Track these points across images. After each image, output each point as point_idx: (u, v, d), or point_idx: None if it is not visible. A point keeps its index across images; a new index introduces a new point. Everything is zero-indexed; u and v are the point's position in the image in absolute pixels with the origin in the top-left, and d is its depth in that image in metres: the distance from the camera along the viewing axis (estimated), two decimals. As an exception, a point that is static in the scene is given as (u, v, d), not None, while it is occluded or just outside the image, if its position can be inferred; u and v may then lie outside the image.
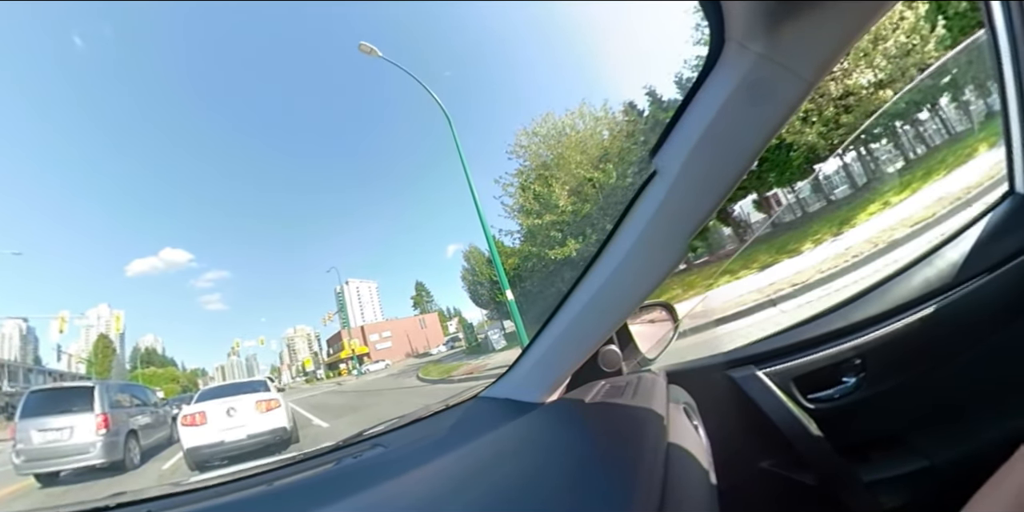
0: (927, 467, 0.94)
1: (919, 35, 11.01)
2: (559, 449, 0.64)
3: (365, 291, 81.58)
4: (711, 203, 0.67)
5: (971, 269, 0.98)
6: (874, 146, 14.29)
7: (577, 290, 0.82)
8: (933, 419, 0.99)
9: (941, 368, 0.98)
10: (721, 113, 0.60)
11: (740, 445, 0.99)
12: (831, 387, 1.00)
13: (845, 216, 12.34)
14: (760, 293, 8.16)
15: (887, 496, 0.94)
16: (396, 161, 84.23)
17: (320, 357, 56.16)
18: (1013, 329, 0.96)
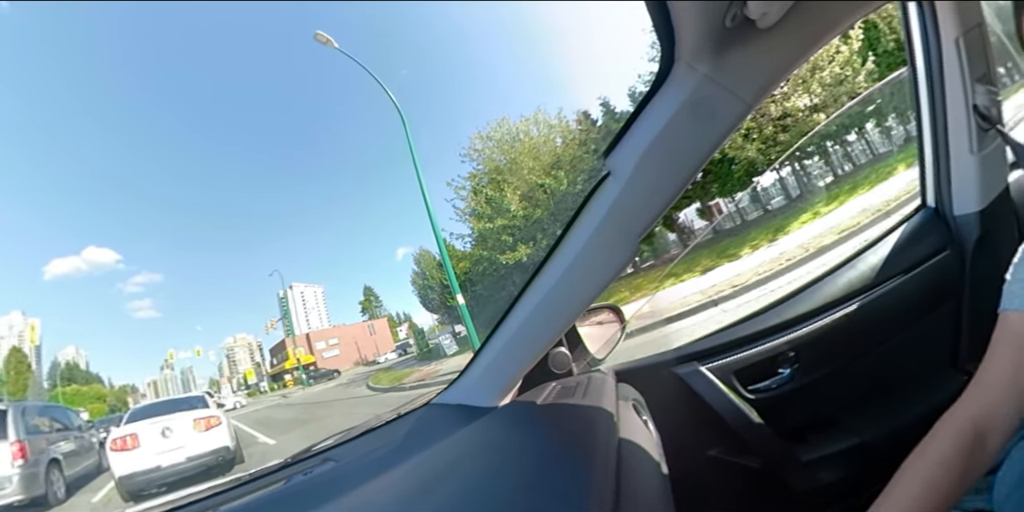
0: (858, 444, 1.03)
1: (852, 67, 12.45)
2: (514, 451, 0.64)
3: (310, 296, 76.34)
4: (659, 206, 0.71)
5: (889, 271, 1.08)
6: (807, 162, 15.79)
7: (527, 293, 0.82)
8: (861, 401, 1.09)
9: (865, 357, 1.08)
10: (668, 126, 0.64)
11: (688, 436, 1.03)
12: (769, 378, 1.07)
13: (780, 224, 13.27)
14: (703, 294, 8.55)
15: (824, 472, 1.02)
16: (346, 160, 78.57)
17: (263, 368, 51.79)
18: (925, 322, 1.08)
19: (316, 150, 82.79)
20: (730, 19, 0.56)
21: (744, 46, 0.60)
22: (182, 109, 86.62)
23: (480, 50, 68.89)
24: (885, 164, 13.01)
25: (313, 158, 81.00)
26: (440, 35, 70.93)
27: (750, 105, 0.63)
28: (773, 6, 0.56)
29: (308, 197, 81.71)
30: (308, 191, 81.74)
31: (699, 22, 0.56)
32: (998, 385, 0.56)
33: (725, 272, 10.34)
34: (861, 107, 12.77)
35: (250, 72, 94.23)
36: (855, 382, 1.08)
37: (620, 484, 0.51)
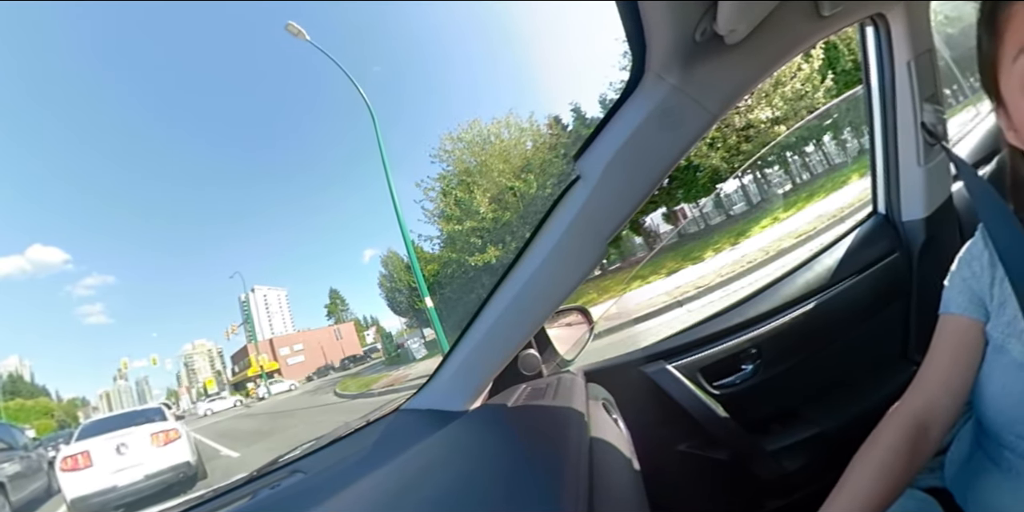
0: (818, 433, 1.07)
1: (812, 84, 13.40)
2: (487, 455, 0.64)
3: (274, 299, 72.61)
4: (627, 211, 0.72)
5: (843, 272, 1.14)
6: (768, 171, 16.80)
7: (496, 296, 0.82)
8: (820, 393, 1.14)
9: (823, 352, 1.13)
10: (637, 133, 0.67)
11: (658, 432, 1.05)
12: (733, 374, 1.11)
13: (742, 229, 13.80)
14: (668, 295, 8.74)
15: (788, 461, 1.06)
16: (312, 157, 75.06)
17: (224, 376, 49.02)
18: (877, 318, 1.14)
19: (281, 146, 78.51)
20: (700, 34, 0.59)
21: (712, 60, 0.64)
22: (139, 97, 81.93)
23: (454, 50, 67.67)
24: (840, 174, 13.97)
25: (278, 154, 76.97)
26: (415, 33, 69.01)
27: (715, 115, 0.66)
28: (741, 24, 0.59)
29: (272, 195, 77.90)
30: (272, 188, 77.99)
31: (670, 35, 0.59)
32: (937, 381, 0.60)
33: (689, 274, 10.63)
34: (819, 121, 13.76)
35: (214, 61, 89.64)
36: (814, 375, 1.13)
37: (593, 482, 0.52)
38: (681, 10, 0.56)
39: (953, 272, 0.65)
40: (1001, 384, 0.56)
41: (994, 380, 0.57)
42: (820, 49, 13.40)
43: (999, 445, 0.59)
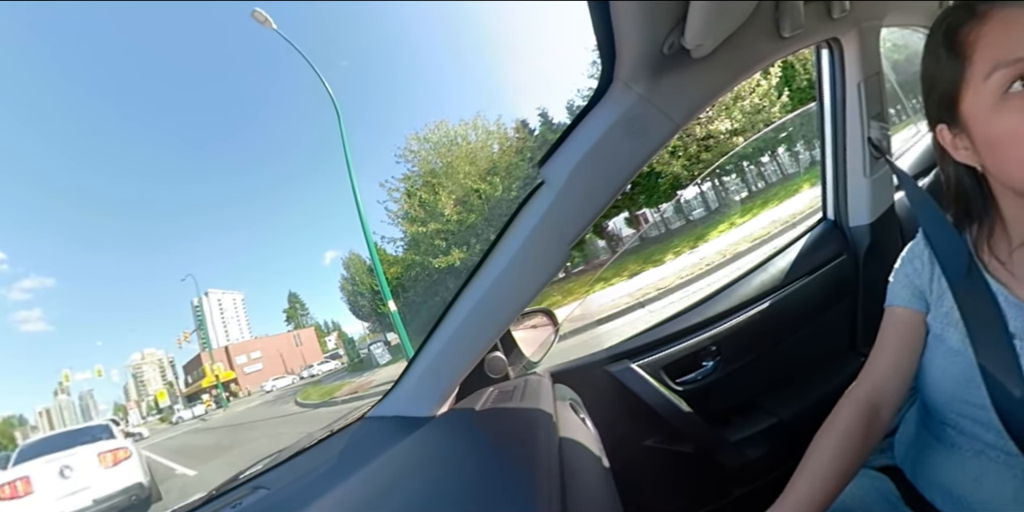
0: (777, 422, 1.13)
1: (769, 99, 14.33)
2: (456, 460, 0.63)
3: (229, 304, 68.39)
4: (590, 215, 0.74)
5: (795, 273, 1.21)
6: (726, 179, 17.70)
7: (461, 299, 0.82)
8: (776, 386, 1.20)
9: (778, 347, 1.19)
10: (602, 140, 0.69)
11: (625, 429, 1.07)
12: (694, 371, 1.15)
13: (700, 233, 14.33)
14: (631, 297, 8.90)
15: (750, 450, 1.11)
16: (272, 152, 70.00)
17: (177, 388, 45.06)
18: (827, 315, 1.22)
19: (238, 139, 73.23)
20: (668, 47, 0.62)
21: (678, 72, 0.67)
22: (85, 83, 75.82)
23: (425, 49, 65.57)
24: (792, 183, 14.96)
25: (234, 148, 71.84)
26: (387, 29, 65.81)
27: (678, 125, 0.70)
28: (707, 40, 0.63)
29: (228, 192, 72.92)
30: (228, 185, 72.79)
31: (640, 46, 0.61)
32: (886, 367, 0.66)
33: (651, 276, 10.89)
34: (775, 134, 14.70)
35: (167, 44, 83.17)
36: (770, 369, 1.19)
37: (565, 482, 0.52)
38: (651, 23, 0.58)
39: (897, 269, 0.72)
40: (941, 368, 0.62)
41: (935, 365, 0.63)
42: (778, 67, 14.28)
43: (942, 423, 0.64)
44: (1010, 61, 0.47)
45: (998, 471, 0.57)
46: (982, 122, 0.52)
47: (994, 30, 0.49)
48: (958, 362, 0.60)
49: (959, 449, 0.62)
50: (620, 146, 0.69)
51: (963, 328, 0.59)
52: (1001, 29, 0.48)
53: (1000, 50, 0.48)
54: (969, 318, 0.59)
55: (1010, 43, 0.48)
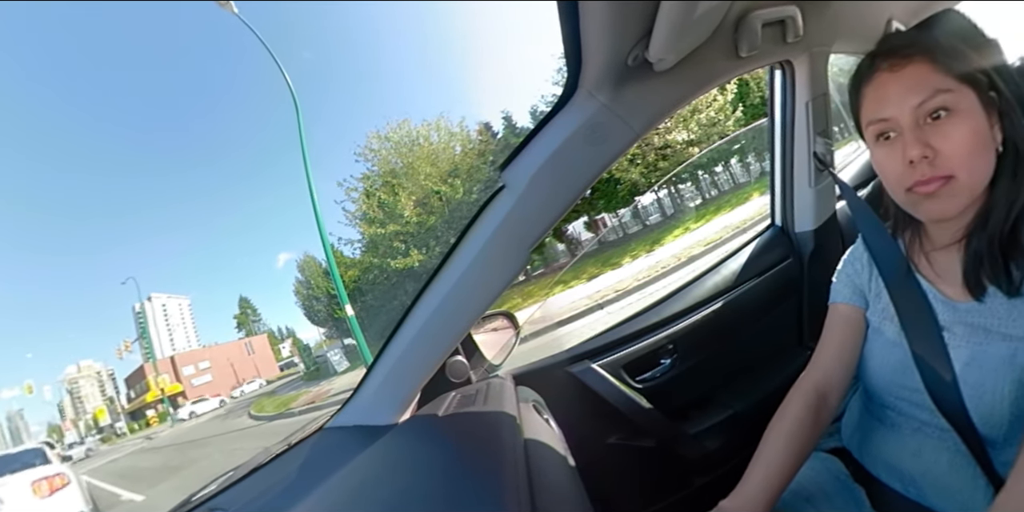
0: (732, 414, 1.18)
1: (724, 113, 15.10)
2: (422, 468, 0.62)
3: (175, 309, 62.93)
4: (550, 219, 0.75)
5: (745, 275, 1.27)
6: (682, 187, 18.52)
7: (421, 302, 0.81)
8: (730, 380, 1.26)
9: (730, 344, 1.25)
10: (564, 146, 0.70)
11: (588, 428, 1.09)
12: (653, 369, 1.19)
13: (657, 237, 14.81)
14: (590, 299, 9.04)
15: (709, 441, 1.15)
16: (223, 146, 63.76)
17: (118, 404, 41.21)
18: (775, 313, 1.29)
19: (186, 130, 66.27)
20: (632, 59, 0.65)
21: (640, 83, 0.71)
22: (22, 61, 67.62)
23: (392, 44, 62.78)
24: (743, 191, 15.86)
25: (182, 140, 65.16)
26: (353, 22, 62.03)
27: (638, 134, 0.73)
28: (669, 54, 0.66)
29: (175, 187, 66.53)
30: (176, 180, 66.37)
31: (605, 57, 0.63)
32: (831, 358, 0.72)
33: (609, 279, 11.09)
34: (728, 145, 15.79)
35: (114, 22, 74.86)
36: (724, 365, 1.25)
37: (533, 482, 0.53)
38: (618, 35, 0.60)
39: (839, 270, 0.79)
40: (880, 358, 0.69)
41: (875, 355, 0.70)
42: (734, 85, 15.11)
43: (883, 406, 0.71)
44: (874, 120, 0.60)
45: (933, 445, 0.64)
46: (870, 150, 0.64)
47: (871, 91, 0.61)
48: (895, 352, 0.67)
49: (899, 428, 0.69)
50: (581, 152, 0.71)
51: (898, 322, 0.67)
52: (874, 91, 0.60)
53: (871, 110, 0.61)
54: (903, 313, 0.66)
55: (877, 104, 0.60)
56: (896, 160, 0.59)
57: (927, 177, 0.56)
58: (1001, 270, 0.57)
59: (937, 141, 0.56)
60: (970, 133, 0.55)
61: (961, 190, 0.56)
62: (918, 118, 0.57)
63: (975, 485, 0.60)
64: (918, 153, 0.56)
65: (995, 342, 0.58)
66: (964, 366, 0.59)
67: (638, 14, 0.58)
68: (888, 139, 0.60)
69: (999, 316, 0.58)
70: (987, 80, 0.58)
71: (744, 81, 15.47)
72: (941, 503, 0.63)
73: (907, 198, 0.61)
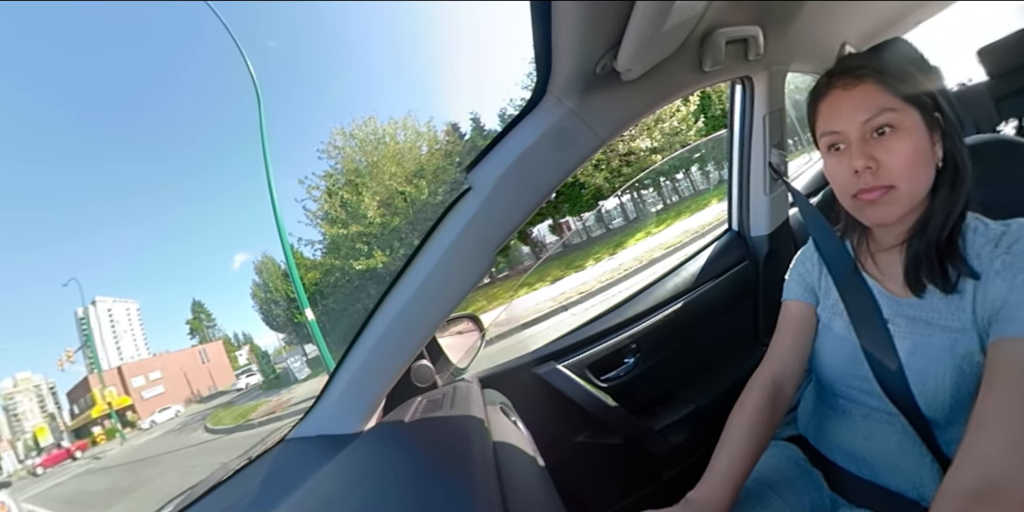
0: (695, 409, 1.22)
1: (687, 123, 15.79)
2: (390, 475, 0.61)
3: (122, 314, 56.80)
4: (515, 222, 0.75)
5: (704, 277, 1.33)
6: (644, 192, 19.22)
7: (384, 306, 0.80)
8: (691, 376, 1.30)
9: (691, 342, 1.29)
10: (531, 149, 0.71)
11: (556, 428, 1.10)
12: (617, 368, 1.21)
13: (619, 241, 15.19)
14: (554, 301, 9.15)
15: (674, 435, 1.19)
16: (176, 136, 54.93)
17: (61, 420, 37.15)
18: (732, 312, 1.35)
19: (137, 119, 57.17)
20: (600, 67, 0.67)
21: (607, 91, 0.73)
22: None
23: (362, 38, 59.00)
24: (702, 198, 16.67)
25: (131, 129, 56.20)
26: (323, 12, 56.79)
27: (604, 140, 0.75)
28: (637, 65, 0.69)
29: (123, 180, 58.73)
30: (124, 172, 58.10)
31: (575, 64, 0.65)
32: (785, 352, 0.77)
33: (573, 281, 11.26)
34: (689, 154, 16.67)
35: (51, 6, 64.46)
36: (686, 362, 1.29)
37: (503, 484, 0.53)
38: (588, 44, 0.62)
39: (791, 269, 0.85)
40: (831, 351, 0.75)
41: (826, 348, 0.76)
42: (697, 97, 15.79)
43: (834, 395, 0.76)
44: (827, 132, 0.66)
45: (883, 429, 0.69)
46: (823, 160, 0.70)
47: (825, 106, 0.67)
48: (844, 344, 0.72)
49: (850, 415, 0.74)
50: (547, 156, 0.72)
51: (847, 317, 0.72)
52: (828, 106, 0.66)
53: (824, 123, 0.67)
54: (852, 308, 0.72)
55: (829, 118, 0.66)
56: (844, 169, 0.64)
57: (870, 186, 0.62)
58: (938, 271, 0.62)
59: (881, 154, 0.61)
60: (911, 148, 0.61)
61: (900, 199, 0.62)
62: (865, 133, 0.63)
63: (922, 462, 0.65)
64: (862, 164, 0.62)
65: (936, 334, 0.63)
66: (908, 356, 0.65)
67: (609, 24, 0.59)
68: (838, 150, 0.66)
69: (938, 310, 0.63)
70: (932, 102, 0.64)
71: (706, 94, 16.14)
72: (893, 481, 0.68)
73: (852, 204, 0.66)
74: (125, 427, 26.84)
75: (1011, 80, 2.03)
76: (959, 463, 0.50)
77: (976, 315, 0.60)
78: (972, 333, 0.60)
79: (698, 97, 15.84)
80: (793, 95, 1.25)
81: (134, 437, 23.40)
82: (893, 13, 1.53)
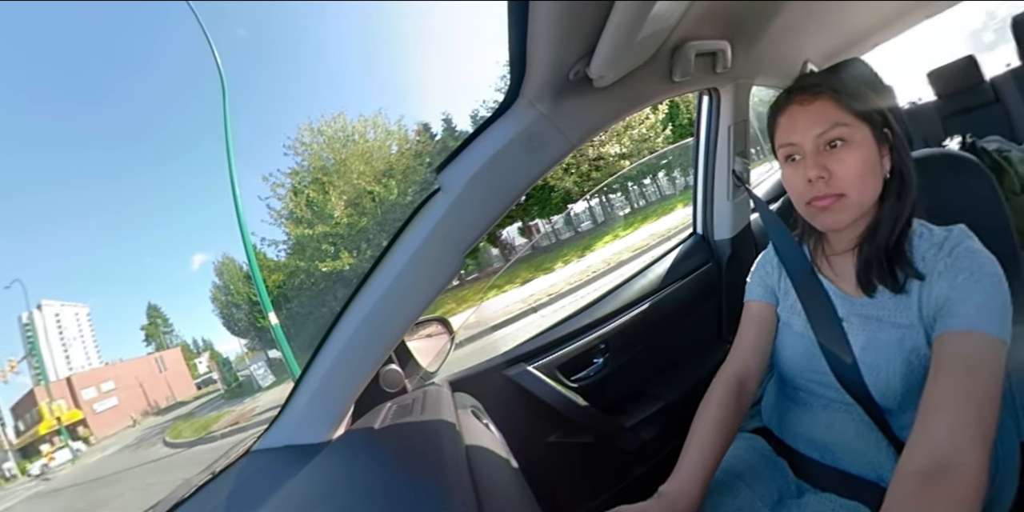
0: (663, 405, 1.24)
1: (655, 131, 16.24)
2: (361, 485, 0.60)
3: (71, 320, 49.91)
4: (485, 224, 0.76)
5: (670, 278, 1.37)
6: (612, 196, 19.54)
7: (351, 309, 0.78)
8: (659, 374, 1.33)
9: (658, 341, 1.32)
10: (502, 151, 0.72)
11: (528, 429, 1.11)
12: (587, 368, 1.23)
13: (588, 243, 15.42)
14: (523, 303, 9.20)
15: (644, 432, 1.21)
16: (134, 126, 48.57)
17: (4, 439, 34.10)
18: (697, 312, 1.39)
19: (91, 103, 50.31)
20: (574, 73, 0.69)
21: (579, 97, 0.74)
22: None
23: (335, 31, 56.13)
24: (669, 203, 17.11)
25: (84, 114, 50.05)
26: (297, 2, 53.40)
27: (574, 145, 0.76)
28: (609, 72, 0.71)
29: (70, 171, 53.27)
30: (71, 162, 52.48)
31: (548, 69, 0.66)
32: (748, 349, 0.82)
33: (542, 283, 11.34)
34: (657, 160, 17.07)
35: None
36: (653, 360, 1.32)
37: (477, 488, 0.52)
38: (563, 50, 0.63)
39: (753, 272, 0.90)
40: (791, 347, 0.80)
41: (786, 345, 0.81)
42: (665, 106, 16.15)
43: (795, 389, 0.81)
44: (784, 144, 0.71)
45: (842, 418, 0.74)
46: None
47: (784, 120, 0.71)
48: (803, 341, 0.77)
49: (811, 406, 0.79)
50: (518, 159, 0.73)
51: (805, 316, 0.77)
52: (786, 120, 0.71)
53: (782, 135, 0.71)
54: (809, 308, 0.77)
55: (787, 131, 0.70)
56: (799, 178, 0.69)
57: (822, 194, 0.67)
58: (887, 273, 0.68)
59: (832, 165, 0.66)
60: (861, 160, 0.66)
61: (850, 206, 0.67)
62: (819, 145, 0.68)
63: (879, 447, 0.70)
64: (815, 174, 0.66)
65: (886, 330, 0.68)
66: (861, 350, 0.70)
67: (584, 31, 0.60)
68: (794, 160, 0.70)
69: (888, 309, 0.69)
70: (881, 119, 0.69)
71: (675, 103, 16.59)
72: (853, 465, 0.72)
73: (807, 210, 0.71)
74: (77, 444, 24.76)
75: (956, 101, 2.25)
76: (911, 446, 0.55)
77: (922, 312, 0.65)
78: (919, 328, 0.66)
79: (667, 106, 16.27)
80: (757, 107, 1.32)
81: (86, 455, 21.74)
82: (853, 35, 1.66)
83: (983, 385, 0.55)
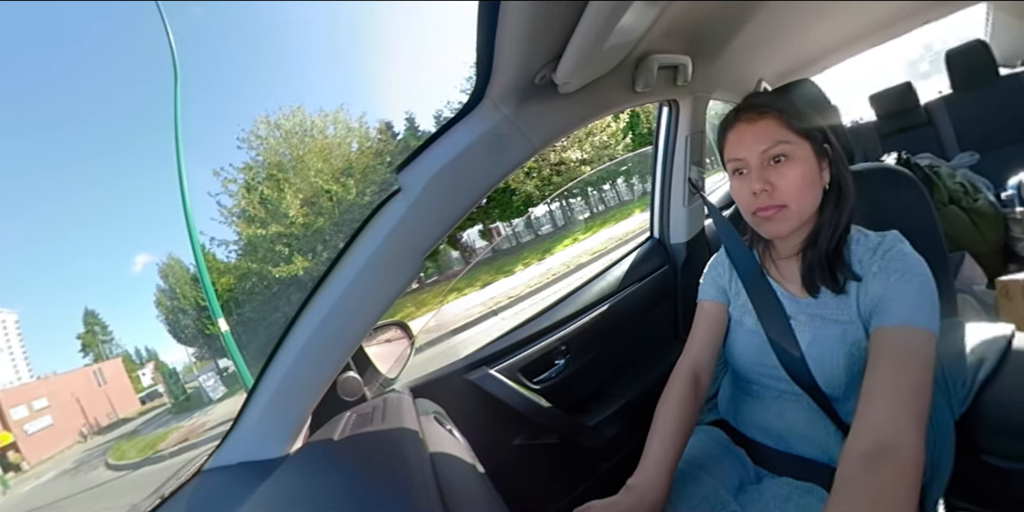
0: (625, 403, 1.27)
1: (616, 138, 16.73)
2: (322, 500, 0.57)
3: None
4: (445, 226, 0.75)
5: (628, 280, 1.41)
6: (572, 201, 20.09)
7: (306, 314, 0.75)
8: (619, 373, 1.37)
9: (617, 341, 1.35)
10: (464, 153, 0.72)
11: (493, 433, 1.10)
12: (549, 369, 1.24)
13: (548, 246, 15.63)
14: (484, 306, 9.18)
15: (608, 429, 1.23)
16: (72, 111, 43.15)
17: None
18: (653, 313, 1.44)
19: (9, 77, 44.04)
20: (539, 78, 0.70)
21: (544, 102, 0.76)
22: None
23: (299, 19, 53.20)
24: (627, 208, 17.72)
25: (11, 94, 44.19)
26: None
27: (537, 149, 0.77)
28: (574, 79, 0.73)
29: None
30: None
31: (515, 72, 0.66)
32: (700, 345, 0.88)
33: (502, 286, 11.39)
34: (616, 167, 17.67)
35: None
36: (613, 360, 1.35)
37: (444, 495, 0.52)
38: (530, 55, 0.64)
39: (706, 273, 0.96)
40: (743, 344, 0.85)
41: (738, 342, 0.86)
42: (626, 114, 16.71)
43: (749, 382, 0.87)
44: (732, 159, 0.77)
45: (792, 407, 0.80)
46: None
47: (732, 136, 0.77)
48: (754, 338, 0.83)
49: (763, 397, 0.84)
50: (480, 161, 0.73)
51: (755, 314, 0.83)
52: (734, 136, 0.76)
53: (730, 150, 0.77)
54: (759, 307, 0.82)
55: (735, 146, 0.76)
56: (745, 190, 0.75)
57: (766, 205, 0.73)
58: (828, 276, 0.74)
59: (775, 179, 0.72)
60: (800, 174, 0.72)
61: (791, 216, 0.73)
62: (763, 160, 0.73)
63: (828, 432, 0.76)
64: (759, 187, 0.72)
65: (829, 326, 0.75)
66: (808, 345, 0.76)
67: (552, 37, 0.61)
68: (741, 174, 0.76)
69: (830, 307, 0.75)
70: (822, 136, 0.75)
71: (636, 113, 17.19)
72: (806, 450, 0.78)
73: (752, 219, 0.77)
74: (7, 472, 22.22)
75: (894, 121, 2.54)
76: (855, 430, 0.60)
77: (860, 309, 0.72)
78: (858, 324, 0.72)
79: (628, 115, 16.83)
80: (713, 120, 1.40)
81: (18, 484, 19.65)
82: (805, 58, 1.80)
83: (916, 373, 0.61)
